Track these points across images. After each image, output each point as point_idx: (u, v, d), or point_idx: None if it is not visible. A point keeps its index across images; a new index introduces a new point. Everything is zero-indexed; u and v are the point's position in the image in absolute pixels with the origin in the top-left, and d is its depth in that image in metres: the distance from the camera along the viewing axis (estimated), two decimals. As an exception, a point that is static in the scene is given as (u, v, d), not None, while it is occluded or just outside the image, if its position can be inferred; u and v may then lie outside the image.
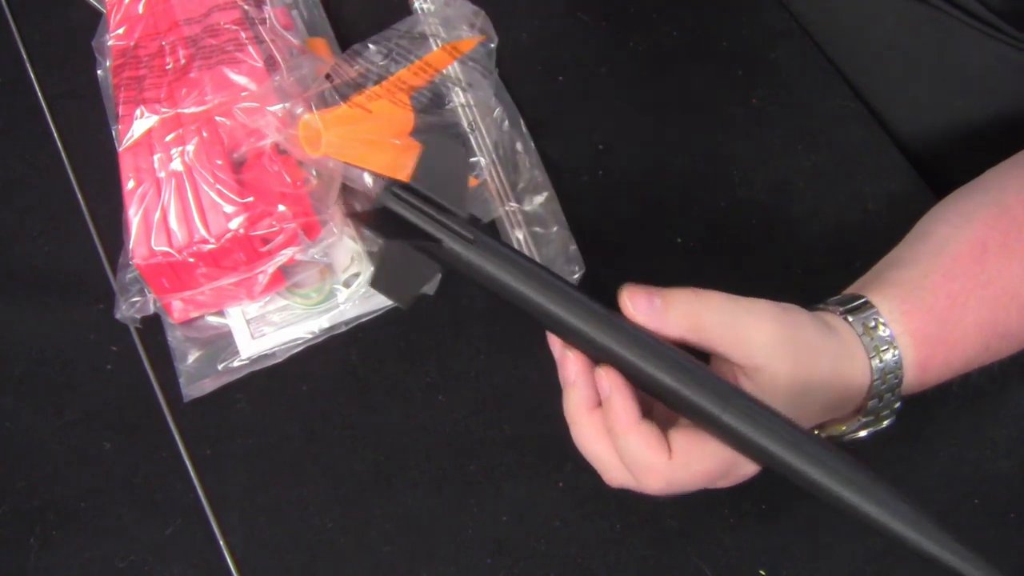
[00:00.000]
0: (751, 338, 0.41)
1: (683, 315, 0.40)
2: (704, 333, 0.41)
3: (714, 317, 0.40)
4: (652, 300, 0.40)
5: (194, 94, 0.54)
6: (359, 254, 0.57)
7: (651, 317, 0.40)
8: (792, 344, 0.41)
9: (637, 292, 0.40)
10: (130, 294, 0.55)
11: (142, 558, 0.51)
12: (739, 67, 0.66)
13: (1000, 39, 0.59)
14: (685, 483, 0.41)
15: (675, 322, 0.40)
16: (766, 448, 0.38)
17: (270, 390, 0.55)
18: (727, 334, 0.41)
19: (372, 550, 0.52)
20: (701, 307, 0.40)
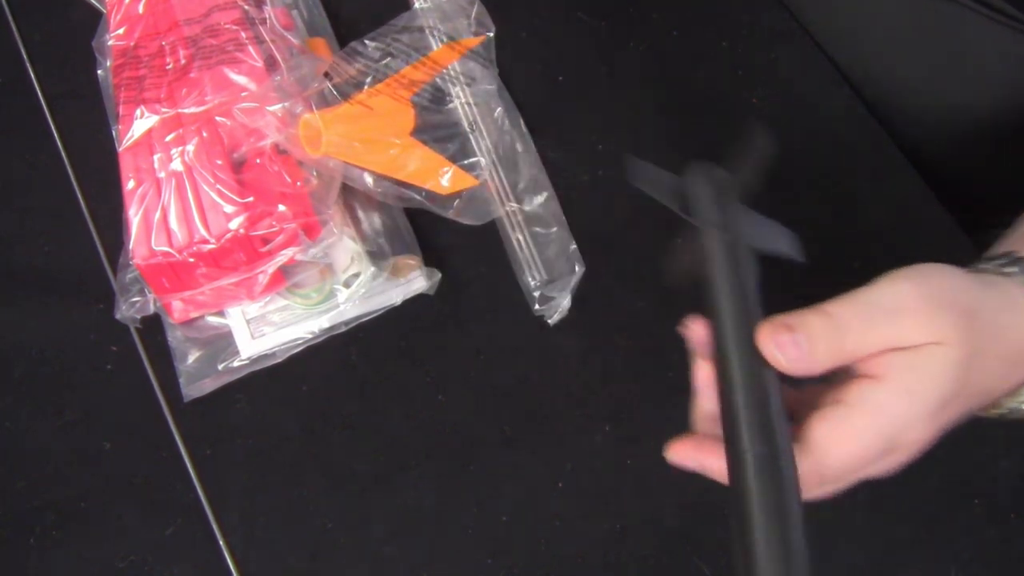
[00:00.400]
0: (903, 334, 0.37)
1: (828, 351, 0.37)
2: (851, 354, 0.37)
3: (858, 336, 0.37)
4: (798, 342, 0.36)
5: (194, 94, 0.54)
6: (359, 254, 0.57)
7: (799, 362, 0.36)
8: (947, 313, 0.37)
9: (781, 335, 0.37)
10: (130, 294, 0.55)
11: (142, 558, 0.51)
12: (739, 67, 0.66)
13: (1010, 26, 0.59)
14: (840, 474, 0.38)
15: (823, 361, 0.37)
16: None
17: (270, 390, 0.55)
18: (877, 343, 0.37)
19: (372, 550, 0.52)
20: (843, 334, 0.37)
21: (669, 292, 0.59)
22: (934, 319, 0.36)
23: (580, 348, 0.57)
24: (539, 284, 0.57)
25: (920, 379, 0.36)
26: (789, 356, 0.36)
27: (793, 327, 0.37)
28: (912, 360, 0.36)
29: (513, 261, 0.59)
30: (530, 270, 0.58)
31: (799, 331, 0.36)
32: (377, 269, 0.56)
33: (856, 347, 0.37)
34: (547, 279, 0.57)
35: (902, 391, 0.36)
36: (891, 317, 0.37)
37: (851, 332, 0.36)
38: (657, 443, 0.55)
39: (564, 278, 0.57)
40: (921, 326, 0.36)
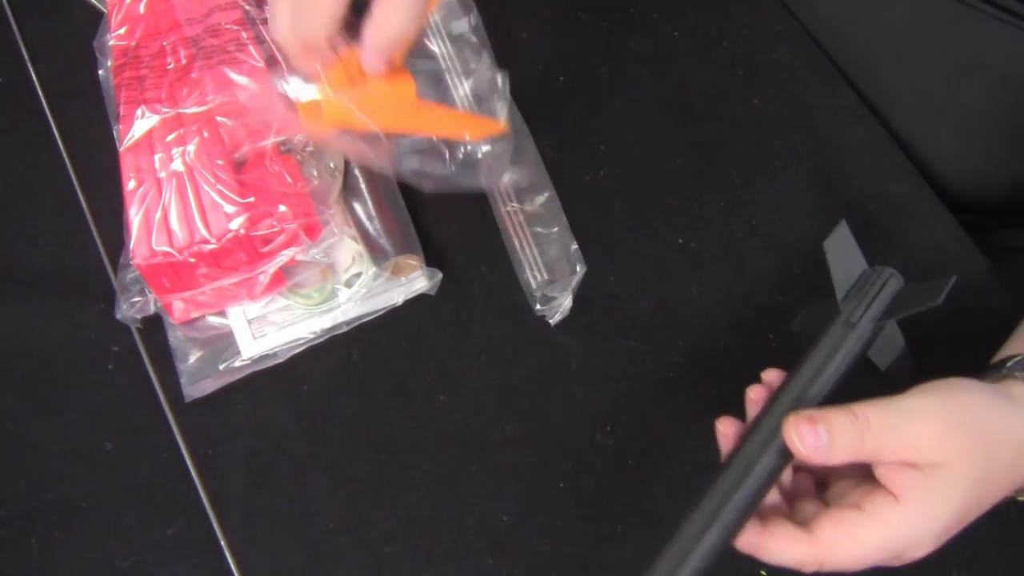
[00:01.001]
0: (920, 444, 0.40)
1: (847, 446, 0.40)
2: (871, 453, 0.41)
3: (877, 436, 0.40)
4: (818, 433, 0.41)
5: (195, 94, 0.54)
6: (360, 254, 0.57)
7: (818, 452, 0.41)
8: (965, 432, 0.41)
9: (803, 425, 0.41)
10: (131, 294, 0.55)
11: (143, 558, 0.51)
12: (739, 67, 0.66)
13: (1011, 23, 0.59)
14: (838, 567, 0.41)
15: (840, 453, 0.41)
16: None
17: (271, 390, 0.55)
18: (894, 446, 0.40)
19: (372, 550, 0.52)
20: (863, 431, 0.40)
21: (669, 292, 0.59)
22: (950, 438, 0.40)
23: (581, 348, 0.57)
24: (540, 284, 0.57)
25: (935, 505, 0.40)
26: (807, 444, 0.41)
27: (816, 419, 0.41)
28: (928, 485, 0.40)
29: (514, 261, 0.59)
30: (531, 270, 0.58)
31: (820, 423, 0.41)
32: (378, 269, 0.56)
33: (874, 447, 0.40)
34: (548, 279, 0.57)
35: (917, 514, 0.40)
36: (910, 427, 0.40)
37: (871, 433, 0.40)
38: (657, 443, 0.55)
39: (565, 278, 0.57)
40: (937, 443, 0.40)
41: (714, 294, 0.59)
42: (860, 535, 0.40)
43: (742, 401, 0.56)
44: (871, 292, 0.47)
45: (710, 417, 0.56)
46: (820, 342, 0.45)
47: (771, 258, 0.60)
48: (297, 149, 0.55)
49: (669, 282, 0.59)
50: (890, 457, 0.41)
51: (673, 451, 0.55)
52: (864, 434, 0.40)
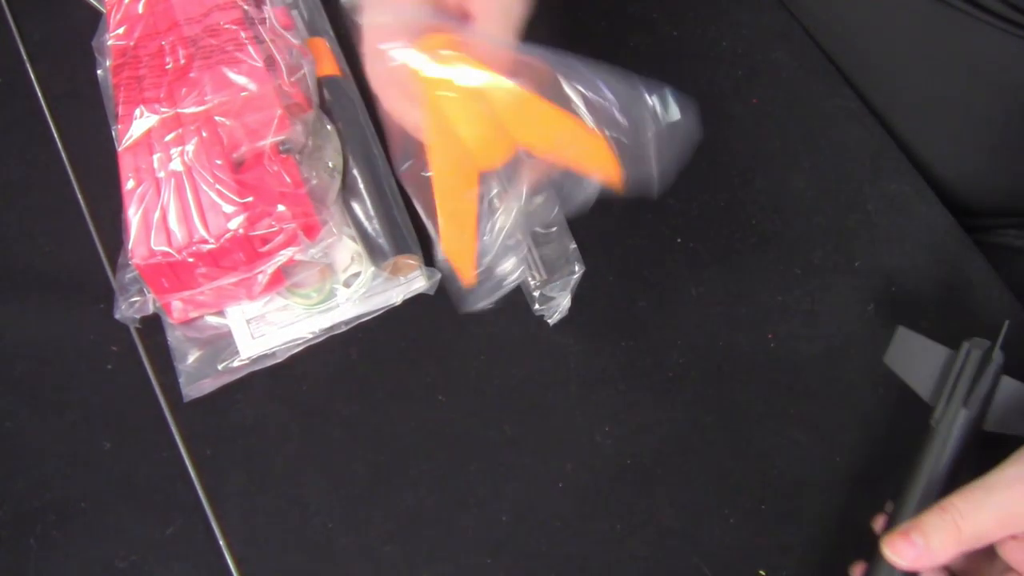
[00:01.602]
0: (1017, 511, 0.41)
1: (945, 542, 0.41)
2: (975, 538, 0.41)
3: (972, 520, 0.41)
4: (913, 542, 0.42)
5: (194, 94, 0.54)
6: (359, 254, 0.57)
7: (919, 559, 0.41)
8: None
9: (897, 541, 0.42)
10: (130, 294, 0.55)
11: (142, 558, 0.51)
12: (739, 67, 0.66)
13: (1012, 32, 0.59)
14: None
15: (942, 551, 0.41)
16: None
17: (270, 390, 0.55)
18: (992, 523, 0.41)
19: (372, 550, 0.52)
20: (956, 520, 0.41)
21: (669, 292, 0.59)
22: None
23: (580, 348, 0.57)
24: (539, 284, 0.57)
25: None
26: (907, 556, 0.42)
27: (907, 531, 0.42)
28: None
29: (513, 261, 0.58)
30: (530, 270, 0.58)
31: (912, 532, 0.42)
32: (377, 269, 0.56)
33: (973, 532, 0.41)
34: (547, 279, 0.57)
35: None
36: (1002, 500, 0.41)
37: (964, 520, 0.41)
38: (657, 443, 0.55)
39: (564, 278, 0.57)
40: None
41: (714, 294, 0.59)
42: None
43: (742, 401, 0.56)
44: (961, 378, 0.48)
45: (710, 417, 0.56)
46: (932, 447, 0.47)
47: (771, 258, 0.60)
48: (296, 149, 0.55)
49: (668, 282, 0.59)
50: (996, 534, 0.41)
51: (672, 451, 0.55)
52: (958, 523, 0.41)
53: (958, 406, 0.47)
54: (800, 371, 0.56)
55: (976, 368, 0.47)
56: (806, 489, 0.53)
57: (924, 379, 0.49)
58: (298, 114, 0.56)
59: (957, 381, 0.48)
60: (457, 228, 0.47)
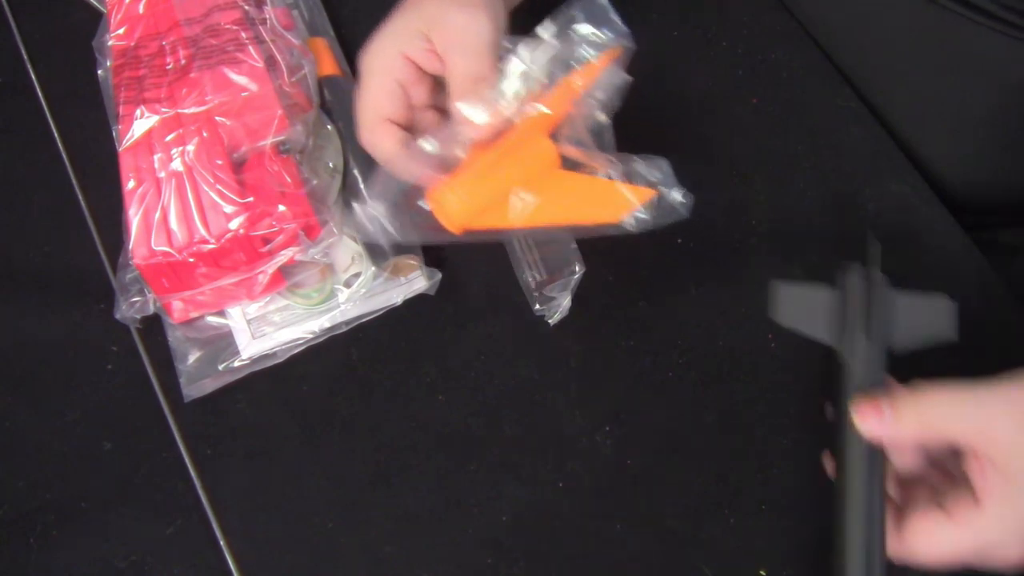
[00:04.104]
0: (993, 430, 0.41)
1: (912, 421, 0.42)
2: (938, 432, 0.42)
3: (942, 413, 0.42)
4: (881, 411, 0.42)
5: (194, 94, 0.54)
6: (359, 254, 0.57)
7: (883, 427, 0.42)
8: None
9: (864, 407, 0.43)
10: (130, 294, 0.55)
11: (142, 558, 0.51)
12: (739, 67, 0.66)
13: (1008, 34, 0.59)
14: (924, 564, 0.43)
15: (907, 428, 0.42)
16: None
17: (271, 390, 0.55)
18: (964, 429, 0.42)
19: (372, 550, 0.52)
20: (926, 406, 0.42)
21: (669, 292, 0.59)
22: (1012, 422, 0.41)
23: (580, 348, 0.57)
24: (539, 284, 0.57)
25: (1014, 509, 0.41)
26: (871, 425, 0.43)
27: (879, 401, 0.43)
28: (1008, 490, 0.41)
29: (513, 261, 0.58)
30: (530, 270, 0.58)
31: (883, 402, 0.42)
32: (377, 269, 0.56)
33: (941, 424, 0.41)
34: (547, 279, 0.57)
35: (995, 518, 0.41)
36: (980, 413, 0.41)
37: (934, 408, 0.42)
38: (657, 443, 0.55)
39: (564, 278, 0.57)
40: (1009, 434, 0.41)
41: (714, 294, 0.59)
42: (946, 537, 0.42)
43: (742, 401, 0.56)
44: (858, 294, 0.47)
45: (710, 417, 0.56)
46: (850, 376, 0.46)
47: (771, 258, 0.60)
48: (296, 149, 0.55)
49: (669, 282, 0.59)
50: (964, 441, 0.41)
51: (673, 451, 0.55)
52: (927, 410, 0.41)
53: (862, 338, 0.46)
54: (800, 371, 0.56)
55: (863, 294, 0.47)
56: (806, 489, 0.53)
57: (820, 325, 0.48)
58: (298, 114, 0.56)
59: (850, 313, 0.47)
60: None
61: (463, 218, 0.47)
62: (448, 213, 0.46)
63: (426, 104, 0.51)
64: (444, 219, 0.47)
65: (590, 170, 0.48)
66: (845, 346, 0.47)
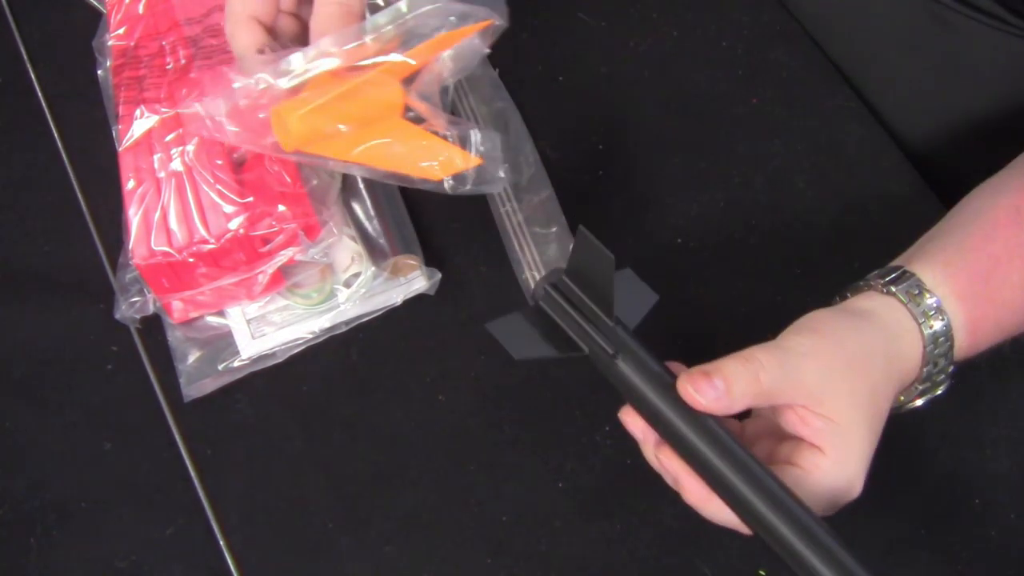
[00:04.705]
0: (804, 379, 0.41)
1: (745, 390, 0.41)
2: (769, 394, 0.42)
3: (771, 375, 0.41)
4: (715, 384, 0.41)
5: (194, 94, 0.54)
6: (359, 254, 0.57)
7: (719, 401, 0.41)
8: (842, 364, 0.42)
9: (698, 379, 0.41)
10: (130, 294, 0.55)
11: (142, 558, 0.51)
12: (739, 67, 0.66)
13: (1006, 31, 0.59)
14: None
15: (741, 397, 0.41)
16: None
17: (270, 390, 0.55)
18: (791, 388, 0.41)
19: (372, 550, 0.52)
20: (758, 371, 0.41)
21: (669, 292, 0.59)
22: (836, 377, 0.42)
23: (580, 348, 0.57)
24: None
25: (854, 445, 0.42)
26: (707, 397, 0.41)
27: (709, 372, 0.41)
28: (839, 431, 0.42)
29: (513, 261, 0.59)
30: (530, 270, 0.58)
31: (715, 375, 0.41)
32: (377, 269, 0.56)
33: (771, 387, 0.41)
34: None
35: (842, 460, 0.42)
36: (801, 367, 0.42)
37: (765, 372, 0.41)
38: (657, 443, 0.55)
39: (564, 278, 0.57)
40: (829, 383, 0.42)
41: (714, 294, 0.59)
42: (806, 489, 0.41)
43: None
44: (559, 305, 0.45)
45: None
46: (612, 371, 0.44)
47: (771, 258, 0.60)
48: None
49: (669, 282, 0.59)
50: (787, 399, 0.42)
51: (673, 451, 0.55)
52: (759, 375, 0.41)
53: (614, 328, 0.44)
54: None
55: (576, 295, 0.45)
56: (806, 489, 0.53)
57: (557, 343, 0.46)
58: (298, 114, 0.55)
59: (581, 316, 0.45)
60: None
61: (298, 140, 0.47)
62: (285, 130, 0.47)
63: (290, 10, 0.51)
64: (280, 135, 0.48)
65: (429, 127, 0.49)
66: (599, 346, 0.44)
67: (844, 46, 0.67)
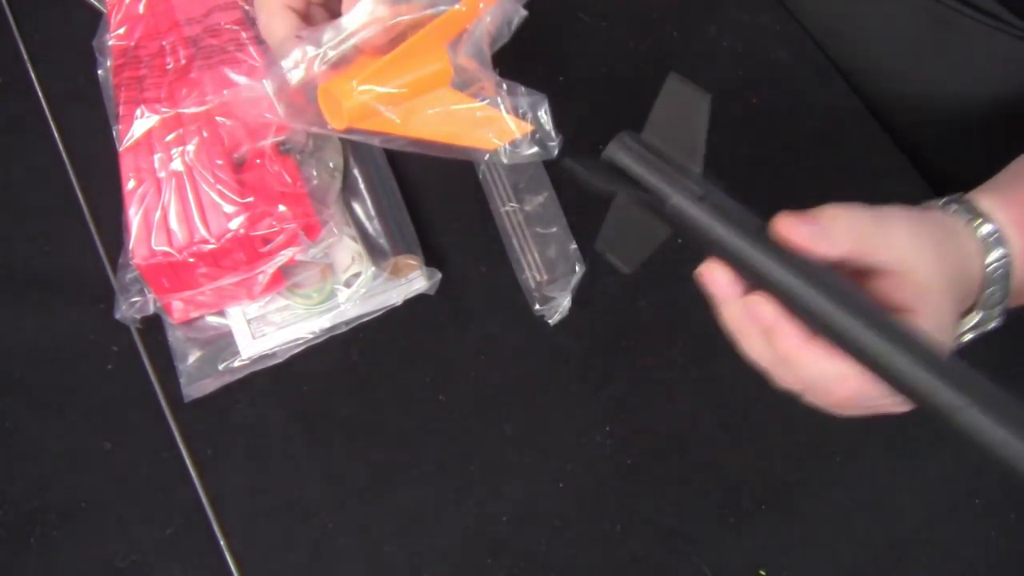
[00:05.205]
0: (896, 240, 0.40)
1: (844, 231, 0.40)
2: (860, 246, 0.40)
3: (864, 226, 0.40)
4: (813, 222, 0.39)
5: (194, 94, 0.54)
6: (359, 254, 0.57)
7: (816, 239, 0.39)
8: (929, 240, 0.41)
9: (794, 218, 0.39)
10: (130, 294, 0.55)
11: (142, 558, 0.51)
12: (739, 67, 0.66)
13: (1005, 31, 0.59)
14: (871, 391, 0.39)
15: (838, 240, 0.39)
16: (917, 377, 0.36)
17: (270, 390, 0.55)
18: (878, 244, 0.40)
19: (372, 550, 0.52)
20: (855, 218, 0.40)
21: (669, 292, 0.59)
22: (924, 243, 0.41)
23: (580, 348, 0.57)
24: (539, 284, 0.57)
25: (942, 319, 0.40)
26: (803, 234, 0.39)
27: (805, 213, 0.40)
28: (931, 302, 0.40)
29: (513, 261, 0.59)
30: (530, 270, 0.58)
31: (812, 214, 0.40)
32: (377, 269, 0.56)
33: (867, 239, 0.40)
34: (547, 279, 0.57)
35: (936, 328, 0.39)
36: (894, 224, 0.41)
37: (861, 221, 0.40)
38: (657, 443, 0.55)
39: (564, 278, 0.57)
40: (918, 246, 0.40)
41: (714, 294, 0.59)
42: None
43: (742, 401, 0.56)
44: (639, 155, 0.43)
45: (710, 417, 0.56)
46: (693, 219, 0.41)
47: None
48: (296, 149, 0.55)
49: (668, 282, 0.59)
50: (880, 257, 0.40)
51: (673, 451, 0.55)
52: (857, 221, 0.40)
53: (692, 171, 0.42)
54: (800, 371, 0.56)
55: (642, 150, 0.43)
56: (806, 489, 0.53)
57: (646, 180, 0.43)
58: (298, 114, 0.56)
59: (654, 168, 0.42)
60: None
61: (349, 116, 0.46)
62: (335, 109, 0.46)
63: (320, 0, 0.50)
64: (329, 114, 0.47)
65: (478, 87, 0.48)
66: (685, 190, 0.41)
67: (844, 46, 0.67)
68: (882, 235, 0.40)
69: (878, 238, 0.40)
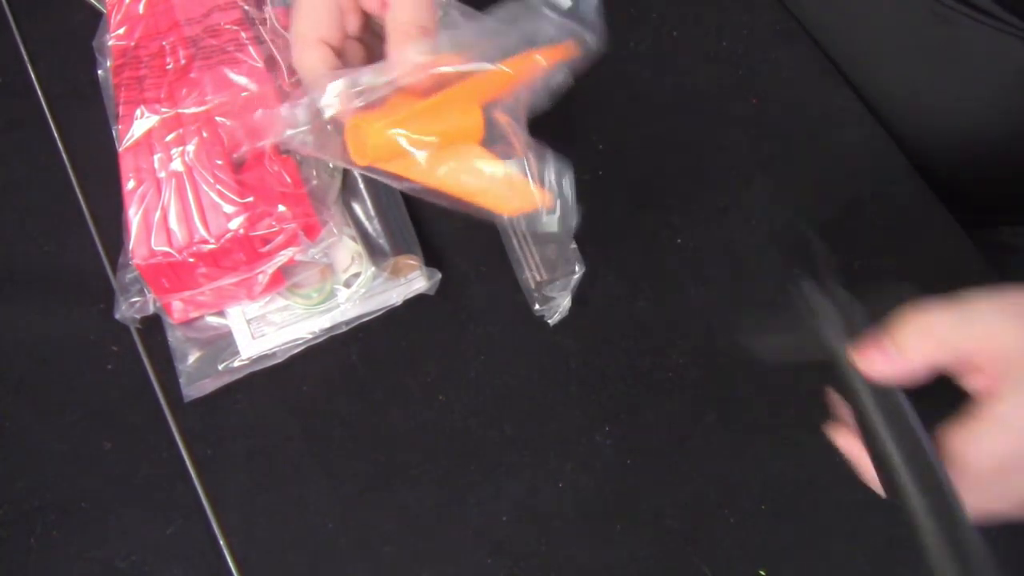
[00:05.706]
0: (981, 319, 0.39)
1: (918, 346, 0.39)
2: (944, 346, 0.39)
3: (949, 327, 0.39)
4: (882, 346, 0.39)
5: (194, 94, 0.54)
6: (359, 254, 0.57)
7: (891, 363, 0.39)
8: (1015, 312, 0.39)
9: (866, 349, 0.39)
10: (130, 294, 0.55)
11: (142, 558, 0.51)
12: (739, 67, 0.66)
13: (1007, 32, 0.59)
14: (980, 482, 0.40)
15: (915, 356, 0.39)
16: None
17: (270, 390, 0.55)
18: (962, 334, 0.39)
19: (372, 550, 0.52)
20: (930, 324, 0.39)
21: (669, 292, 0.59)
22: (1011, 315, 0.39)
23: (580, 348, 0.57)
24: (539, 284, 0.57)
25: None
26: (876, 364, 0.39)
27: (877, 338, 0.39)
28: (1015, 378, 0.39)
29: (513, 261, 0.59)
30: (530, 270, 0.58)
31: (882, 339, 0.39)
32: (377, 269, 0.56)
33: (948, 334, 0.39)
34: (547, 279, 0.57)
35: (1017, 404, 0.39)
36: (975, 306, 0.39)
37: (938, 324, 0.39)
38: (657, 443, 0.55)
39: (564, 278, 0.57)
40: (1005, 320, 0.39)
41: (714, 294, 0.59)
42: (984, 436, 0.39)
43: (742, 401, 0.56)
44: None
45: (710, 416, 0.56)
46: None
47: (771, 258, 0.60)
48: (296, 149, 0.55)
49: (668, 282, 0.59)
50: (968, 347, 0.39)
51: (673, 451, 0.55)
52: (932, 328, 0.39)
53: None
54: (800, 371, 0.56)
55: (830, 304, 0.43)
56: (806, 489, 0.53)
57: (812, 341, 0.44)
58: (298, 114, 0.55)
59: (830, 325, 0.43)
60: None
61: (373, 154, 0.46)
62: (360, 144, 0.46)
63: (356, 35, 0.50)
64: (354, 149, 0.46)
65: (507, 146, 0.48)
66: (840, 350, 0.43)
67: (844, 46, 0.67)
68: (964, 323, 0.39)
69: (960, 329, 0.39)
